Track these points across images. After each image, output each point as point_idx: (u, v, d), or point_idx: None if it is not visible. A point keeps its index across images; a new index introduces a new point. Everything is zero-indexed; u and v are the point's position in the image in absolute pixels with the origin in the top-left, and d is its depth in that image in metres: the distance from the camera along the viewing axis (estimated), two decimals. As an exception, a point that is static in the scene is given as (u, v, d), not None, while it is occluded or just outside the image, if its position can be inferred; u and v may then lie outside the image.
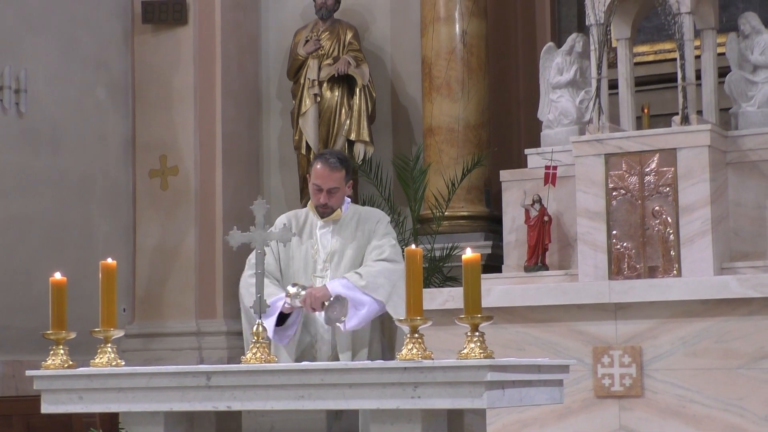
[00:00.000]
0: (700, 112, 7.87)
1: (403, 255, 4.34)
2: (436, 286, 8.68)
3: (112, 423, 4.91)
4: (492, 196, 9.43)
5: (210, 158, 10.00)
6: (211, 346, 9.76)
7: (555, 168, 8.12)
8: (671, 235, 7.63)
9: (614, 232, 7.77)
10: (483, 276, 4.38)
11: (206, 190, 9.97)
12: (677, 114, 7.76)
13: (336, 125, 9.95)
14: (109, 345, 4.73)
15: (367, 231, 5.28)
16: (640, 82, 8.59)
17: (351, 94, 9.96)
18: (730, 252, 7.77)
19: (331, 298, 5.03)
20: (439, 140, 9.42)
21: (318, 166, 5.24)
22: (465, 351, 4.13)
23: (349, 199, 5.44)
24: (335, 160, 5.24)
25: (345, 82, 9.97)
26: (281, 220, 5.39)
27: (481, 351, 4.10)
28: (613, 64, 8.37)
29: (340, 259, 5.27)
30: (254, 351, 4.49)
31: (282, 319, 5.15)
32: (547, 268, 8.17)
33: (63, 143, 9.49)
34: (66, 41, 9.59)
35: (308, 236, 5.31)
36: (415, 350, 4.16)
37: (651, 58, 9.74)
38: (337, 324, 5.06)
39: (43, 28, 9.37)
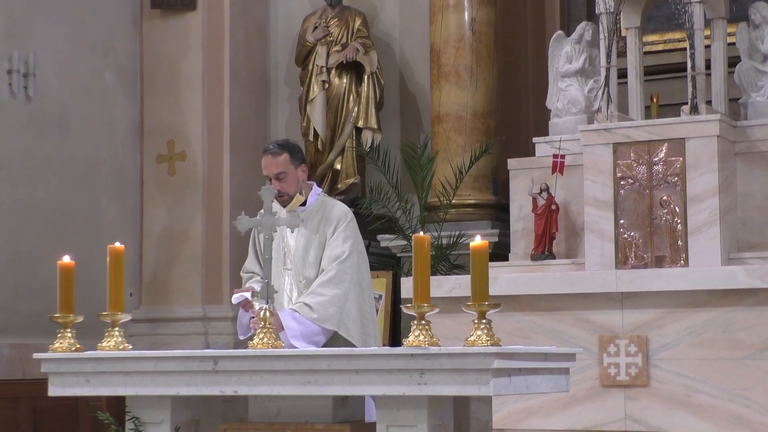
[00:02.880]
0: (709, 102, 7.85)
1: (411, 243, 4.34)
2: (442, 274, 8.68)
3: (119, 406, 4.92)
4: (499, 184, 9.42)
5: (217, 144, 10.01)
6: (217, 332, 9.78)
7: (563, 157, 8.10)
8: (679, 225, 7.63)
9: (621, 221, 7.76)
10: (490, 264, 4.38)
11: (213, 176, 9.97)
12: (686, 104, 7.74)
13: (344, 112, 9.94)
14: (117, 329, 4.73)
15: (329, 232, 5.36)
16: (650, 72, 8.56)
17: (359, 81, 9.96)
18: (737, 242, 7.76)
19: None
20: (447, 128, 9.40)
21: (262, 159, 5.38)
22: (472, 338, 4.13)
23: (320, 190, 5.48)
24: (274, 146, 5.37)
25: (353, 69, 9.96)
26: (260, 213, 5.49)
27: (487, 338, 4.11)
28: (622, 53, 8.35)
29: (305, 254, 5.37)
30: (261, 336, 4.50)
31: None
32: (553, 257, 8.17)
33: (71, 128, 9.49)
34: (75, 26, 9.59)
35: (281, 228, 5.36)
36: (422, 337, 4.16)
37: (660, 47, 9.71)
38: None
39: (51, 13, 9.37)
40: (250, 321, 5.25)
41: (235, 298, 5.29)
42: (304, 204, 5.40)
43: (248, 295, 5.24)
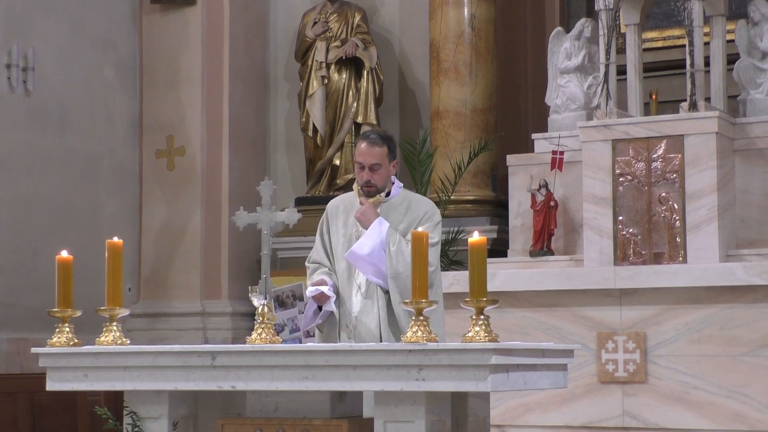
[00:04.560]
0: (708, 99, 7.86)
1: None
2: (441, 270, 8.67)
3: (117, 401, 4.92)
4: (498, 180, 9.43)
5: (217, 139, 10.00)
6: (215, 327, 9.78)
7: (562, 153, 8.11)
8: (677, 222, 7.63)
9: (620, 217, 7.77)
10: (488, 260, 4.38)
11: (213, 171, 9.97)
12: (685, 100, 7.75)
13: (343, 108, 9.94)
14: (115, 324, 4.74)
15: (415, 220, 5.25)
16: (649, 68, 8.57)
17: (358, 76, 9.96)
18: (736, 239, 7.77)
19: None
20: (446, 124, 9.41)
21: (360, 144, 5.27)
22: (470, 334, 4.13)
23: (401, 184, 5.43)
24: (376, 137, 5.27)
25: (353, 64, 9.96)
26: (332, 204, 5.43)
27: (486, 334, 4.11)
28: (621, 50, 8.36)
29: None
30: (259, 331, 4.50)
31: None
32: (552, 253, 8.17)
33: (70, 122, 9.50)
34: (74, 20, 9.58)
35: (354, 220, 5.31)
36: (420, 333, 4.16)
37: (660, 44, 9.71)
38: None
39: (51, 7, 9.36)
40: (313, 313, 5.22)
41: (311, 290, 5.23)
42: (386, 195, 5.33)
43: (325, 289, 5.19)
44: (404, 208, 5.30)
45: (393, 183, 5.37)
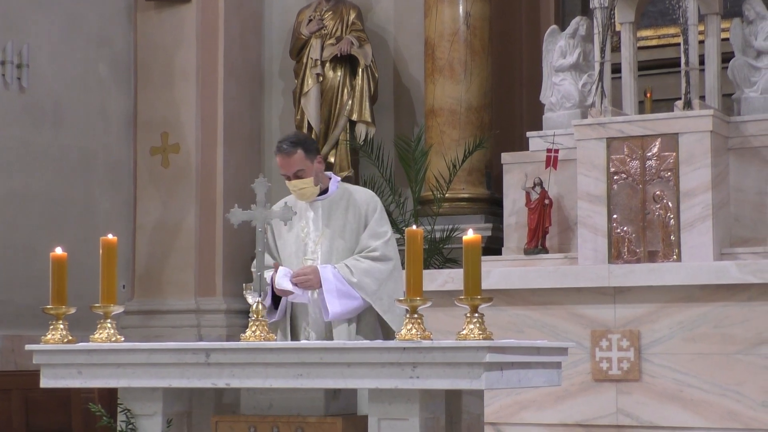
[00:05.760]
0: (702, 98, 7.87)
1: (404, 237, 4.34)
2: (435, 268, 8.69)
3: (111, 398, 4.92)
4: (493, 178, 9.44)
5: (211, 136, 10.00)
6: (210, 324, 9.77)
7: (556, 151, 8.12)
8: (672, 220, 7.64)
9: (615, 216, 7.78)
10: (483, 258, 4.38)
11: (207, 168, 9.97)
12: (680, 99, 7.76)
13: (338, 105, 9.94)
14: (109, 321, 4.73)
15: (360, 215, 5.25)
16: (643, 67, 8.58)
17: (353, 74, 9.95)
18: (730, 238, 7.78)
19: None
20: (441, 122, 9.41)
21: (277, 158, 5.28)
22: (464, 332, 4.14)
23: (339, 178, 5.44)
24: (287, 145, 5.23)
25: (347, 62, 9.96)
26: (278, 205, 5.41)
27: (480, 332, 4.11)
28: (616, 48, 8.37)
29: (331, 241, 5.24)
30: (253, 329, 4.50)
31: (275, 299, 5.21)
32: (546, 251, 8.18)
33: (65, 119, 9.49)
34: (69, 17, 9.57)
35: (298, 219, 5.30)
36: (414, 330, 4.16)
37: (654, 42, 9.73)
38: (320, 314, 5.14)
39: (46, 3, 9.35)
40: (268, 311, 5.21)
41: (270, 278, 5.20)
42: (324, 194, 5.34)
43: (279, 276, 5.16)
44: (345, 203, 5.29)
45: (330, 179, 5.37)
